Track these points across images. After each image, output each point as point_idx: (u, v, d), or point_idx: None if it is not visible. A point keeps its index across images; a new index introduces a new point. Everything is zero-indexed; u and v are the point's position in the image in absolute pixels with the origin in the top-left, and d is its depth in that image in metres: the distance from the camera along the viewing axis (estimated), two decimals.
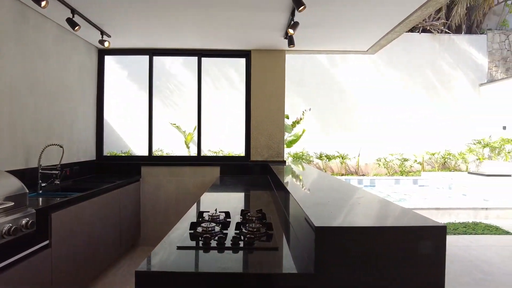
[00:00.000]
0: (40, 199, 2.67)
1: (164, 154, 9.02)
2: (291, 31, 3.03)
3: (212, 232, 1.59)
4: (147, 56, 4.35)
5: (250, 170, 4.28)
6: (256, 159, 4.30)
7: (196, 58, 4.32)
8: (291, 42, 3.39)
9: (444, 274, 1.23)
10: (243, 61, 4.40)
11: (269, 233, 1.63)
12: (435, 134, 10.58)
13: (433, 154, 10.36)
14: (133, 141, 9.04)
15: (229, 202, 2.63)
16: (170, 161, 4.48)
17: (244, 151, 4.37)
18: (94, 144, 4.29)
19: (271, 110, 4.29)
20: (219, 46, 4.19)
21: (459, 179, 8.92)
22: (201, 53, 4.30)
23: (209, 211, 1.91)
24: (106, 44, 3.65)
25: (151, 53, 4.32)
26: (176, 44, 4.13)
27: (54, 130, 3.38)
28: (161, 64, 9.77)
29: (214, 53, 4.35)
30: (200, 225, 1.66)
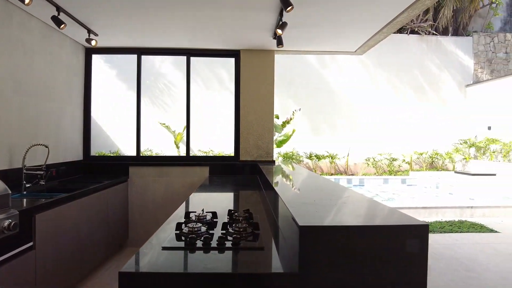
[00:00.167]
0: (24, 200, 2.63)
1: (154, 154, 8.95)
2: (279, 31, 3.04)
3: (198, 232, 1.58)
4: (135, 55, 4.31)
5: (240, 170, 4.28)
6: (246, 159, 4.29)
7: (185, 57, 4.30)
8: (279, 42, 3.40)
9: (426, 272, 1.25)
10: (233, 61, 4.40)
11: (256, 233, 1.63)
12: (423, 134, 10.74)
13: (421, 154, 10.52)
14: (121, 141, 8.94)
15: (217, 202, 2.62)
16: (158, 161, 4.45)
17: (233, 151, 4.37)
18: (81, 144, 4.23)
19: (260, 110, 4.29)
20: (208, 45, 4.18)
21: (446, 178, 9.07)
22: (190, 52, 4.29)
23: (196, 212, 1.90)
24: (93, 42, 3.60)
25: (139, 52, 4.28)
26: (165, 43, 4.11)
27: (39, 130, 3.32)
28: (150, 63, 9.69)
29: (203, 53, 4.34)
30: (187, 225, 1.65)
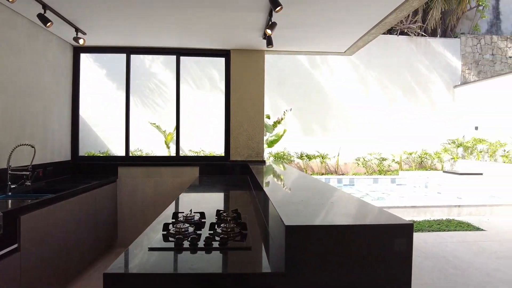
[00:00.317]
0: (9, 201, 2.58)
1: (144, 154, 8.88)
2: (269, 31, 3.05)
3: (186, 233, 1.58)
4: (124, 55, 4.27)
5: (230, 170, 4.27)
6: (236, 159, 4.29)
7: (174, 56, 4.28)
8: (269, 43, 3.40)
9: (411, 270, 1.26)
10: (223, 61, 4.39)
11: (243, 233, 1.63)
12: (413, 134, 10.88)
13: (410, 154, 10.65)
14: (111, 141, 8.85)
15: (206, 202, 2.62)
16: (148, 161, 4.42)
17: (223, 151, 4.36)
18: (69, 144, 4.17)
19: (250, 109, 4.30)
20: (198, 45, 4.17)
21: (434, 178, 9.21)
22: (179, 52, 4.26)
23: (183, 212, 1.89)
24: (81, 41, 3.55)
25: (128, 51, 4.24)
26: (154, 42, 4.08)
27: (25, 130, 3.26)
28: (140, 62, 9.61)
29: (193, 52, 4.32)
30: (174, 226, 1.64)
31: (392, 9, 3.00)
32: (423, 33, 11.40)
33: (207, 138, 9.49)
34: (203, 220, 1.84)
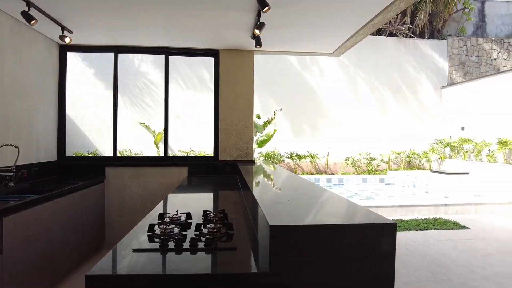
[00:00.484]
0: None
1: (133, 155, 8.79)
2: (257, 31, 3.05)
3: (171, 233, 1.57)
4: (112, 54, 4.22)
5: (219, 171, 4.26)
6: (225, 159, 4.28)
7: (163, 56, 4.25)
8: (258, 43, 3.41)
9: (394, 268, 1.28)
10: (213, 60, 4.37)
11: (230, 233, 1.63)
12: (401, 134, 11.03)
13: (399, 154, 10.79)
14: (99, 141, 8.73)
15: (194, 203, 2.60)
16: (136, 161, 4.37)
17: (213, 151, 4.34)
18: (56, 144, 4.10)
19: (240, 109, 4.29)
20: (186, 44, 4.14)
21: (422, 177, 9.36)
22: (168, 51, 4.23)
23: (170, 213, 1.88)
24: (67, 40, 3.50)
25: (116, 50, 4.19)
26: (142, 41, 4.04)
27: (9, 130, 3.19)
28: (130, 62, 9.51)
29: (181, 52, 4.29)
30: (160, 226, 1.63)
31: (379, 10, 3.04)
32: (411, 35, 11.56)
33: (197, 138, 9.44)
34: (189, 221, 1.83)
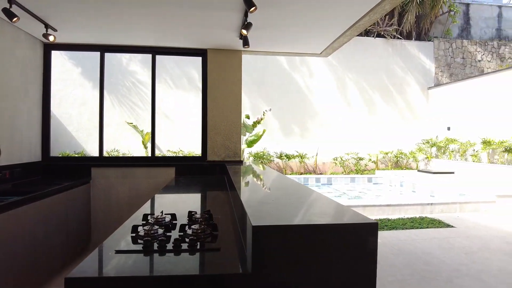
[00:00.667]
0: None
1: (121, 155, 8.68)
2: (244, 31, 3.05)
3: (155, 235, 1.55)
4: (98, 53, 4.16)
5: (207, 171, 4.24)
6: (213, 159, 4.27)
7: (150, 55, 4.21)
8: (245, 43, 3.40)
9: (376, 266, 1.30)
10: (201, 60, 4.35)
11: (214, 234, 1.62)
12: (389, 134, 11.18)
13: (386, 153, 10.93)
14: (87, 141, 8.60)
15: (180, 203, 2.59)
16: (122, 162, 4.32)
17: (201, 151, 4.33)
18: (40, 144, 4.02)
19: (228, 109, 4.28)
20: (174, 44, 4.11)
21: (409, 176, 9.49)
22: (155, 50, 4.19)
23: (154, 214, 1.87)
24: (51, 38, 3.43)
25: (102, 49, 4.13)
26: (129, 40, 3.99)
27: None
28: (117, 61, 9.38)
29: (169, 51, 4.26)
30: (143, 228, 1.61)
31: (366, 11, 3.07)
32: (399, 36, 11.72)
33: (186, 138, 9.38)
34: (174, 222, 1.82)
